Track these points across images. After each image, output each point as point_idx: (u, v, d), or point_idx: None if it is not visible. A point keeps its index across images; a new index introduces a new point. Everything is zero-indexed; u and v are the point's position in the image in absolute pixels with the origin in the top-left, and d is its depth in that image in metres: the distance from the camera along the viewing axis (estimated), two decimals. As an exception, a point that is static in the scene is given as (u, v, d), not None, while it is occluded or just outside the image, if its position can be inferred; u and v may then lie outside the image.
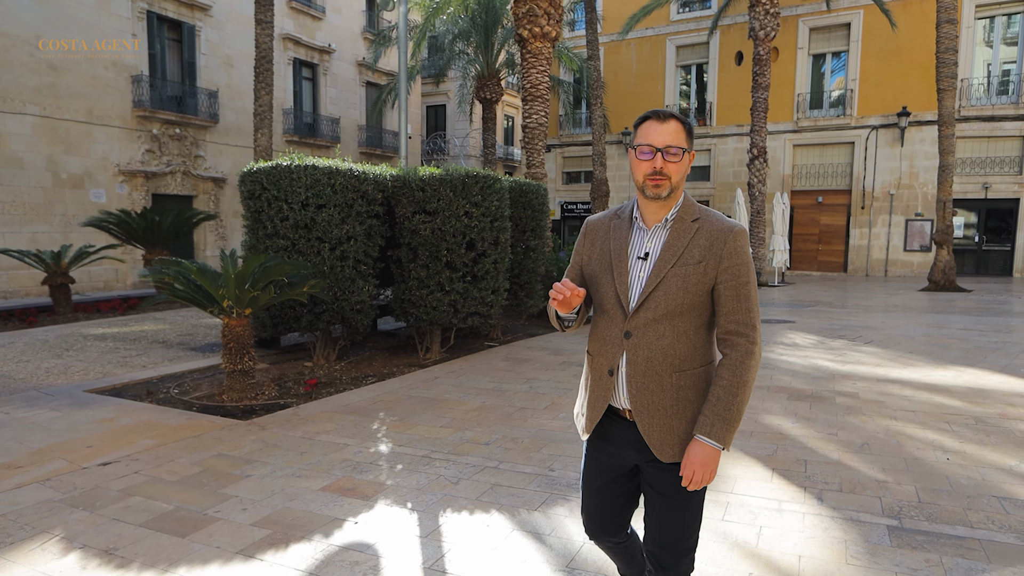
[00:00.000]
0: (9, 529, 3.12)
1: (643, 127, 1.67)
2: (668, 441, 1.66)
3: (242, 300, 5.15)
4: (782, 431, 4.45)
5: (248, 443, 4.37)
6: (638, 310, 1.66)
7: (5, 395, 5.72)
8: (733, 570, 2.62)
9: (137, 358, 7.37)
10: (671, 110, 1.67)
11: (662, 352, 1.65)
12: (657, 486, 1.71)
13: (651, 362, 1.65)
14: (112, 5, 17.65)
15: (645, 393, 1.67)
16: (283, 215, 6.36)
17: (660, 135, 1.62)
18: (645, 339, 1.66)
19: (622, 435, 1.74)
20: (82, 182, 17.24)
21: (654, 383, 1.66)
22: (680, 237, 1.67)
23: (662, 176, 1.62)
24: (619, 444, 1.76)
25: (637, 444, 1.72)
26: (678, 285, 1.64)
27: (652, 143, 1.63)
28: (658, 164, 1.62)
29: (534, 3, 10.06)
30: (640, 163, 1.65)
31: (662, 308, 1.64)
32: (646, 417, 1.67)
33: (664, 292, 1.64)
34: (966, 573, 2.57)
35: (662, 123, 1.63)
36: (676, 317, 1.65)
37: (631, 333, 1.67)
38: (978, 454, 3.96)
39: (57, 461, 4.07)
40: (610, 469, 1.78)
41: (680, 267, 1.64)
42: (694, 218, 1.68)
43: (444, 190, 6.60)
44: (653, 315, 1.65)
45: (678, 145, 1.62)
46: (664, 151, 1.61)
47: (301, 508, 3.32)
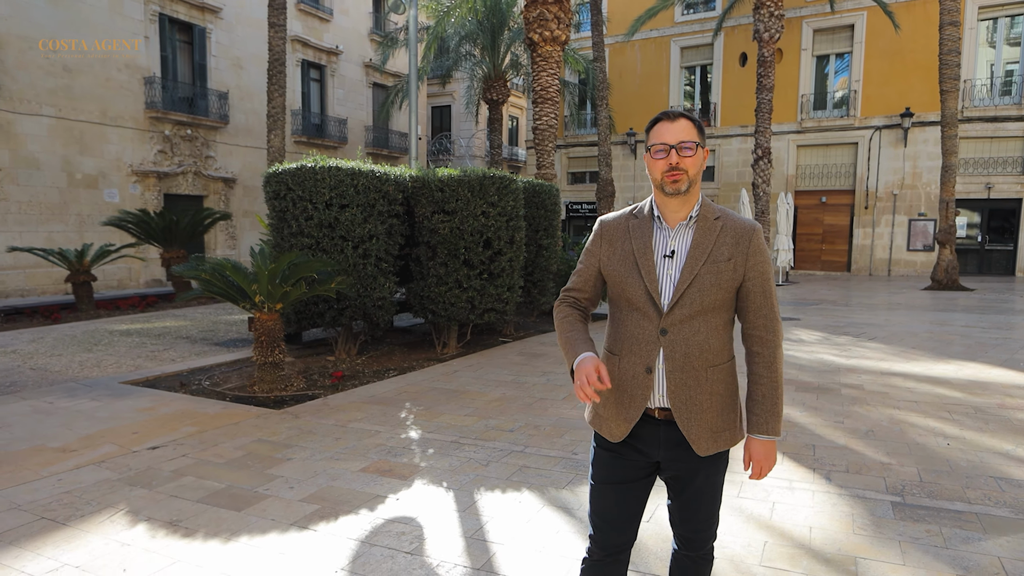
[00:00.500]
0: (77, 504, 3.37)
1: (655, 129, 1.73)
2: (704, 436, 1.70)
3: (274, 295, 5.40)
4: (791, 419, 4.69)
5: (285, 430, 4.62)
6: (673, 307, 1.69)
7: (45, 386, 5.98)
8: (750, 539, 2.86)
9: (165, 352, 7.62)
10: (680, 110, 1.73)
11: (698, 348, 1.68)
12: (688, 480, 1.75)
13: (689, 358, 1.69)
14: (125, 8, 17.92)
15: (684, 389, 1.69)
16: (308, 214, 6.61)
17: (672, 133, 1.68)
18: (682, 335, 1.68)
19: (652, 434, 1.76)
20: (96, 182, 17.51)
21: (692, 379, 1.69)
22: (707, 235, 1.71)
23: (679, 171, 1.67)
24: (647, 442, 1.77)
25: (667, 442, 1.74)
26: (712, 282, 1.68)
27: (666, 141, 1.68)
28: (673, 160, 1.67)
29: (544, 8, 10.30)
30: (656, 162, 1.70)
31: (697, 304, 1.68)
32: (685, 413, 1.70)
33: (699, 289, 1.67)
34: (963, 541, 2.81)
35: (673, 122, 1.70)
36: (709, 313, 1.69)
37: (667, 330, 1.69)
38: (977, 440, 4.20)
39: (108, 445, 4.32)
40: (632, 467, 1.79)
41: (711, 264, 1.68)
42: (716, 216, 1.73)
43: (462, 190, 6.84)
44: (688, 311, 1.68)
45: (691, 140, 1.68)
46: (678, 147, 1.67)
47: (344, 487, 3.56)
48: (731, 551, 2.76)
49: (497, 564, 2.70)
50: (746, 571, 2.59)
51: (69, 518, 3.20)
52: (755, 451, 1.73)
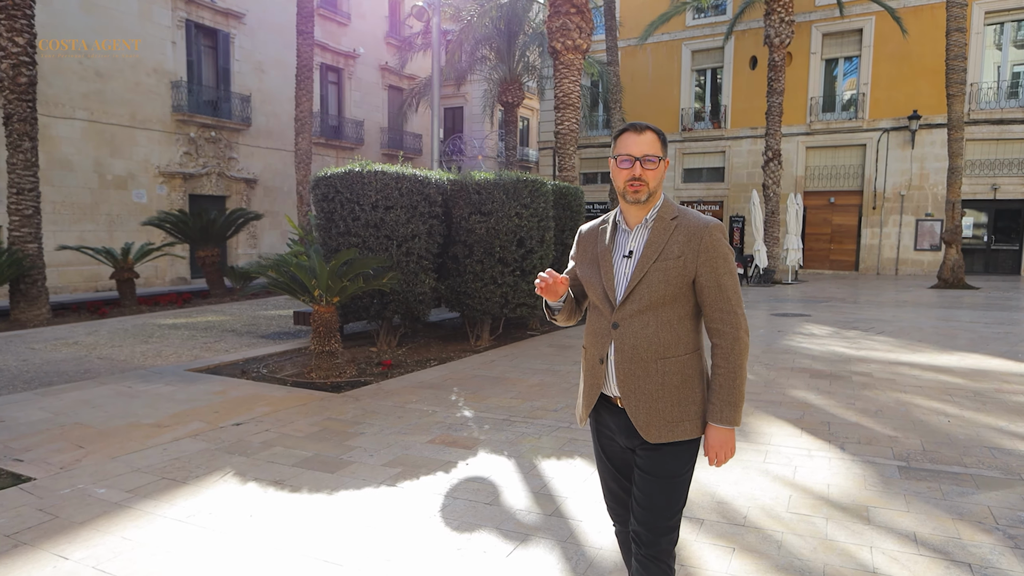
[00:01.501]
0: (188, 467, 3.90)
1: (622, 139, 1.82)
2: (654, 423, 1.78)
3: (333, 290, 5.93)
4: (807, 401, 5.18)
5: (350, 410, 5.14)
6: (624, 303, 1.81)
7: (118, 373, 6.52)
8: (777, 494, 3.36)
9: (216, 344, 8.17)
10: (646, 123, 1.83)
11: (646, 340, 1.78)
12: (644, 467, 1.82)
13: (636, 350, 1.79)
14: (154, 15, 18.51)
15: (631, 379, 1.79)
16: (355, 215, 7.13)
17: (638, 145, 1.78)
18: (631, 329, 1.80)
19: (613, 421, 1.88)
20: (125, 183, 18.11)
21: (640, 369, 1.78)
22: (660, 234, 1.81)
23: (641, 182, 1.77)
24: (612, 429, 1.91)
25: (626, 429, 1.84)
26: (659, 279, 1.77)
27: (631, 153, 1.78)
28: (637, 172, 1.77)
29: (567, 18, 10.80)
30: (620, 171, 1.81)
31: (646, 300, 1.78)
32: (633, 401, 1.80)
33: (647, 285, 1.78)
34: (959, 495, 3.30)
35: (639, 134, 1.79)
36: (659, 308, 1.79)
37: (618, 324, 1.81)
38: (975, 418, 4.68)
39: (195, 422, 4.85)
40: (614, 451, 1.94)
41: (661, 262, 1.78)
42: (673, 216, 1.83)
43: (498, 193, 7.36)
44: (638, 307, 1.79)
45: (654, 154, 1.78)
46: (642, 160, 1.77)
47: (417, 455, 4.07)
48: (761, 502, 3.26)
49: (565, 511, 3.21)
50: (776, 516, 3.09)
51: (187, 478, 3.73)
52: (711, 438, 1.80)
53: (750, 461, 3.83)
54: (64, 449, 4.23)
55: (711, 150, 23.82)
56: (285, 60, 22.30)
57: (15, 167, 9.89)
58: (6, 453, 4.15)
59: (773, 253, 18.41)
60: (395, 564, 2.72)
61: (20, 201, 9.94)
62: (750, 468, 3.72)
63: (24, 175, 9.94)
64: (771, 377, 6.09)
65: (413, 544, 2.89)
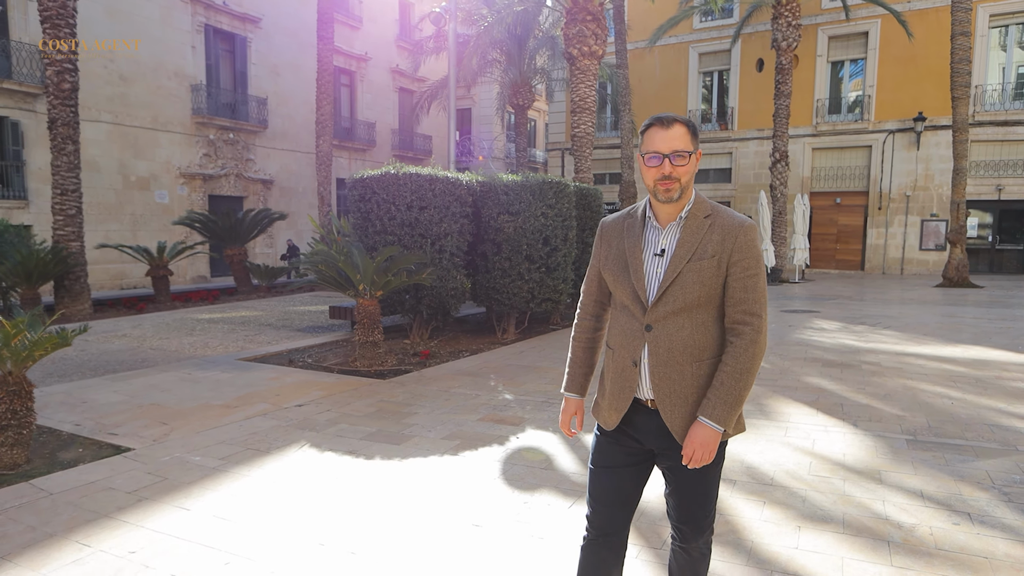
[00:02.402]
0: (266, 440, 4.35)
1: (648, 134, 1.73)
2: (688, 427, 1.74)
3: (377, 284, 6.37)
4: (820, 387, 5.61)
5: (399, 394, 5.59)
6: (656, 304, 1.74)
7: (175, 362, 6.98)
8: (798, 461, 3.79)
9: (257, 337, 8.62)
10: (674, 114, 1.73)
11: (682, 343, 1.72)
12: (682, 469, 1.79)
13: (672, 353, 1.73)
14: (175, 20, 19.01)
15: (667, 382, 1.74)
16: (391, 215, 7.57)
17: (666, 141, 1.69)
18: (665, 331, 1.73)
19: (644, 423, 1.81)
20: (148, 184, 18.61)
21: (675, 373, 1.73)
22: (694, 233, 1.74)
23: (671, 179, 1.70)
24: (641, 431, 1.83)
25: (658, 431, 1.79)
26: (693, 279, 1.71)
27: (659, 149, 1.70)
28: (666, 169, 1.69)
29: (583, 25, 11.23)
30: (649, 169, 1.72)
31: (680, 301, 1.72)
32: (668, 405, 1.74)
33: (681, 286, 1.71)
34: (960, 462, 3.73)
35: (667, 128, 1.70)
36: (694, 310, 1.73)
37: (652, 326, 1.74)
38: (976, 400, 5.11)
39: (261, 404, 5.30)
40: (627, 453, 1.86)
41: (695, 262, 1.72)
42: (706, 214, 1.76)
43: (525, 194, 7.80)
44: (672, 308, 1.72)
45: (684, 149, 1.69)
46: (671, 156, 1.69)
47: (470, 431, 4.51)
48: (785, 467, 3.69)
49: (612, 474, 3.65)
50: (799, 478, 3.53)
51: (268, 449, 4.18)
52: (695, 434, 1.71)
53: (773, 435, 4.27)
54: (150, 425, 4.69)
55: (718, 151, 24.21)
56: (299, 63, 22.80)
57: (59, 169, 10.36)
58: (100, 428, 4.61)
59: (780, 252, 18.81)
60: (475, 514, 3.16)
61: (64, 201, 10.42)
62: (773, 441, 4.16)
63: (67, 177, 10.42)
64: (786, 366, 6.52)
65: (486, 500, 3.33)
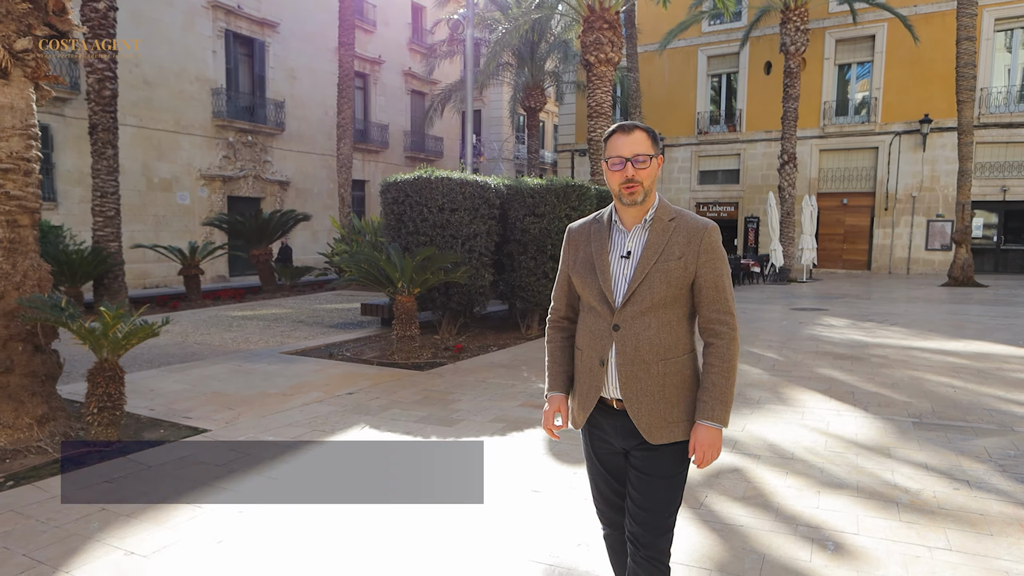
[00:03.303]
0: (328, 423, 4.78)
1: (611, 141, 1.80)
2: (656, 424, 1.78)
3: (416, 281, 6.81)
4: (832, 377, 6.02)
5: (440, 383, 6.02)
6: (625, 304, 1.79)
7: (222, 355, 7.43)
8: (815, 440, 4.21)
9: (292, 332, 9.07)
10: (635, 122, 1.81)
11: (648, 342, 1.77)
12: (643, 467, 1.82)
13: (639, 351, 1.77)
14: (197, 26, 19.50)
15: (634, 381, 1.78)
16: (423, 217, 8.01)
17: (627, 146, 1.77)
18: (632, 331, 1.78)
19: (610, 424, 1.86)
20: (170, 186, 19.10)
21: (642, 371, 1.78)
22: (660, 236, 1.80)
23: (634, 183, 1.76)
24: (608, 432, 1.88)
25: (624, 431, 1.83)
26: (661, 280, 1.77)
27: (621, 154, 1.77)
28: (629, 172, 1.76)
29: (600, 33, 11.65)
30: (613, 173, 1.79)
31: (647, 301, 1.77)
32: (635, 403, 1.78)
33: (649, 287, 1.77)
34: (961, 440, 4.14)
35: (628, 134, 1.78)
36: (660, 309, 1.78)
37: (619, 326, 1.79)
38: (977, 388, 5.51)
39: (314, 392, 5.74)
40: (606, 453, 1.92)
41: (662, 263, 1.78)
42: (671, 218, 1.83)
43: (550, 197, 8.22)
44: (639, 308, 1.78)
45: (645, 153, 1.76)
46: (632, 160, 1.76)
47: (513, 415, 4.94)
48: (803, 444, 4.11)
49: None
50: (816, 453, 3.94)
51: (333, 429, 4.61)
52: (699, 437, 1.77)
53: (790, 418, 4.68)
54: (218, 410, 5.13)
55: (726, 153, 24.59)
56: (315, 67, 23.29)
57: (99, 172, 10.84)
58: (173, 412, 5.06)
59: (788, 252, 19.19)
60: (533, 482, 3.59)
61: (104, 203, 10.90)
62: (791, 423, 4.57)
63: (107, 180, 10.90)
64: (798, 359, 6.93)
65: (540, 470, 3.76)
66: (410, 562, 2.72)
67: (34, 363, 4.47)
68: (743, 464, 3.77)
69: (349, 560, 2.74)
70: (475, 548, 2.84)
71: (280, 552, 2.81)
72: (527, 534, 2.96)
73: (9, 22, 4.31)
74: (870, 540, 2.83)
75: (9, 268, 4.36)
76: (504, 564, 2.70)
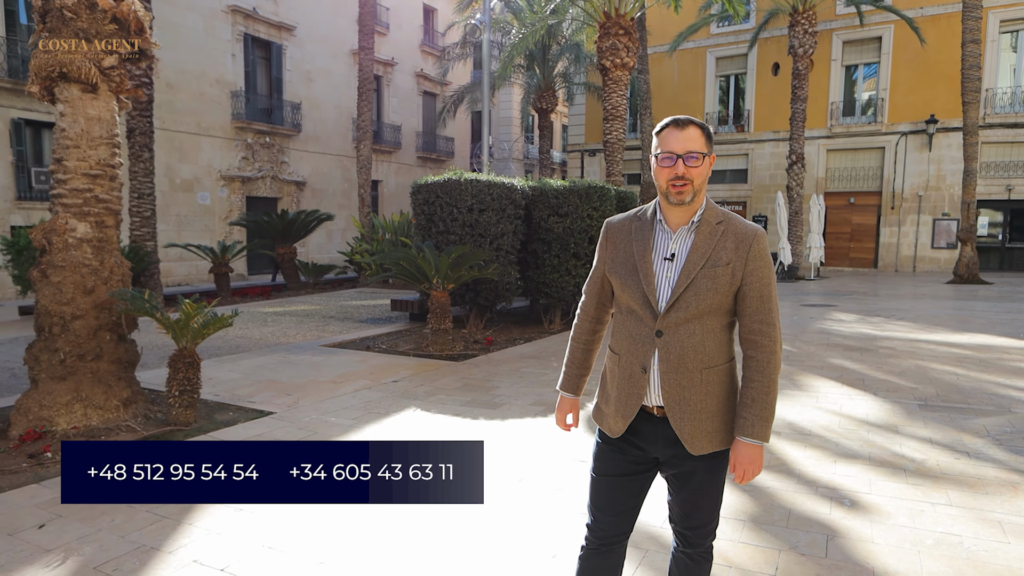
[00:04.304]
0: (379, 407, 5.22)
1: (663, 135, 1.72)
2: (698, 435, 1.74)
3: (451, 278, 7.26)
4: (843, 366, 6.44)
5: (477, 373, 6.46)
6: (669, 310, 1.72)
7: (265, 348, 7.89)
8: (829, 419, 4.64)
9: (326, 327, 9.53)
10: (690, 117, 1.73)
11: (693, 350, 1.72)
12: (687, 477, 1.80)
13: (683, 360, 1.72)
14: (217, 30, 20.00)
15: (677, 389, 1.73)
16: (453, 217, 8.45)
17: (680, 142, 1.69)
18: (677, 338, 1.72)
19: (650, 431, 1.80)
20: (191, 186, 19.61)
21: (686, 380, 1.72)
22: (707, 240, 1.73)
23: (684, 181, 1.69)
24: (647, 439, 1.81)
25: (666, 439, 1.78)
26: (708, 286, 1.70)
27: (673, 150, 1.69)
28: (680, 170, 1.68)
29: (616, 39, 12.08)
30: (662, 170, 1.71)
31: (692, 308, 1.71)
32: (678, 412, 1.73)
33: (695, 293, 1.70)
34: (962, 419, 4.57)
35: (681, 130, 1.70)
36: (705, 316, 1.72)
37: (663, 332, 1.73)
38: (979, 376, 5.94)
39: (361, 380, 6.19)
40: (632, 462, 1.84)
41: (709, 268, 1.71)
42: (718, 221, 1.76)
43: (573, 197, 8.66)
44: (684, 315, 1.71)
45: (698, 150, 1.69)
46: (685, 157, 1.68)
47: (551, 399, 5.38)
48: (819, 423, 4.54)
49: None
50: (831, 430, 4.37)
51: (387, 411, 5.06)
52: (739, 454, 1.74)
53: (806, 401, 5.11)
54: (277, 396, 5.58)
55: (735, 152, 24.95)
56: (330, 69, 23.78)
57: (136, 175, 11.33)
58: (237, 397, 5.52)
59: (796, 251, 19.58)
60: (577, 454, 4.03)
61: (141, 204, 11.38)
62: (807, 405, 5.00)
63: (144, 181, 11.39)
64: (811, 350, 7.35)
65: (583, 445, 4.20)
66: (521, 503, 3.16)
67: (119, 351, 4.93)
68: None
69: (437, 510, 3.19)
70: (548, 506, 3.28)
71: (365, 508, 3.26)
72: (582, 498, 3.41)
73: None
74: (881, 498, 3.26)
75: (98, 264, 4.83)
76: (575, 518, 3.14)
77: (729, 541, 2.83)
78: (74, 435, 4.44)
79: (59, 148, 4.75)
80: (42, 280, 4.68)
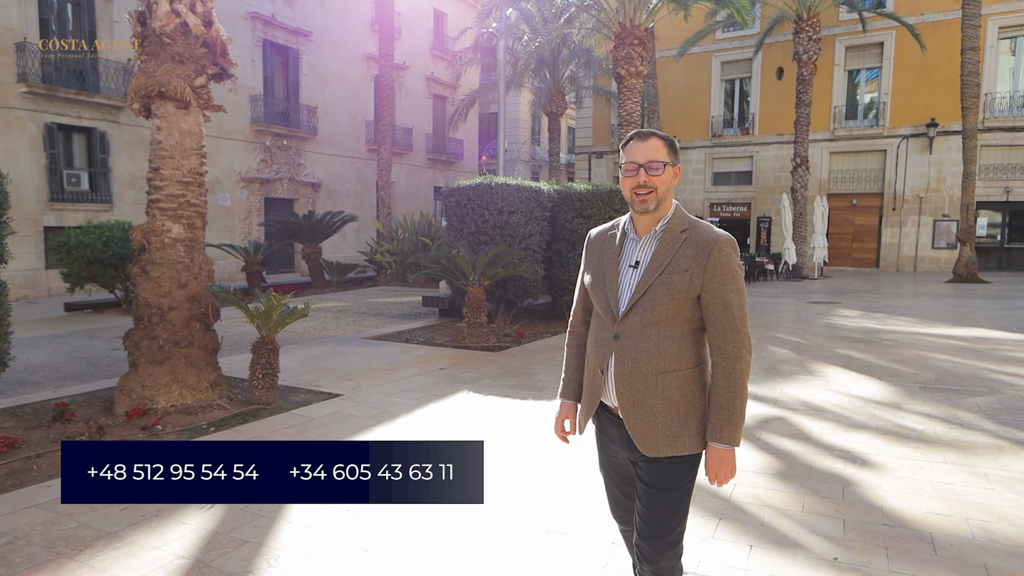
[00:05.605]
0: (435, 390, 5.82)
1: (628, 147, 1.79)
2: (651, 437, 1.76)
3: (487, 275, 7.86)
4: (850, 355, 7.05)
5: (514, 362, 7.06)
6: (627, 315, 1.78)
7: (312, 340, 8.49)
8: (839, 399, 5.24)
9: (362, 322, 10.13)
10: (652, 129, 1.80)
11: (647, 354, 1.75)
12: (645, 480, 1.81)
13: (637, 363, 1.76)
14: (238, 36, 20.58)
15: (631, 392, 1.77)
16: (484, 218, 9.05)
17: (642, 152, 1.76)
18: (632, 342, 1.76)
19: (615, 432, 1.87)
20: (213, 188, 20.16)
21: (640, 382, 1.76)
22: (669, 247, 1.77)
23: (647, 189, 1.74)
24: (613, 439, 1.89)
25: (625, 441, 1.83)
26: (663, 292, 1.74)
27: (635, 160, 1.76)
28: (642, 178, 1.74)
29: (631, 48, 12.67)
30: (627, 179, 1.78)
31: (649, 313, 1.75)
32: (631, 414, 1.78)
33: (651, 298, 1.74)
34: (958, 398, 5.18)
35: (644, 141, 1.77)
36: (662, 322, 1.75)
37: (619, 336, 1.78)
38: (973, 363, 6.55)
39: (411, 368, 6.78)
40: (616, 462, 1.95)
41: (667, 275, 1.74)
42: (683, 228, 1.80)
43: (596, 200, 9.27)
44: (640, 320, 1.76)
45: (659, 160, 1.75)
46: (646, 166, 1.74)
47: (587, 383, 5.97)
48: (831, 402, 5.14)
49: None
50: (841, 407, 4.98)
51: (442, 394, 5.66)
52: (710, 458, 1.78)
53: (818, 385, 5.72)
54: (339, 381, 6.18)
55: (739, 155, 25.55)
56: (345, 73, 24.38)
57: (176, 178, 11.92)
58: (303, 382, 6.12)
59: (801, 251, 20.19)
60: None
61: (180, 206, 11.97)
62: (819, 388, 5.60)
63: (183, 185, 11.98)
64: (819, 342, 7.95)
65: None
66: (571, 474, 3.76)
67: (206, 338, 5.54)
68: (784, 415, 4.81)
69: (513, 457, 3.78)
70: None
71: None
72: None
73: (190, 63, 5.38)
74: (887, 458, 3.86)
75: (189, 261, 5.43)
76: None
77: (762, 488, 3.43)
78: (173, 412, 5.04)
79: (156, 158, 5.36)
80: (142, 275, 5.28)
